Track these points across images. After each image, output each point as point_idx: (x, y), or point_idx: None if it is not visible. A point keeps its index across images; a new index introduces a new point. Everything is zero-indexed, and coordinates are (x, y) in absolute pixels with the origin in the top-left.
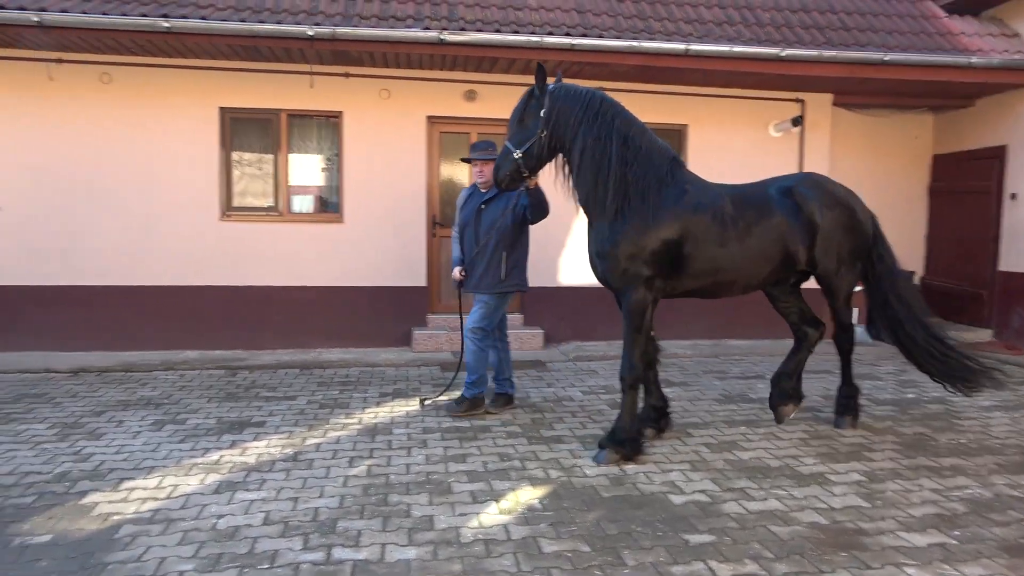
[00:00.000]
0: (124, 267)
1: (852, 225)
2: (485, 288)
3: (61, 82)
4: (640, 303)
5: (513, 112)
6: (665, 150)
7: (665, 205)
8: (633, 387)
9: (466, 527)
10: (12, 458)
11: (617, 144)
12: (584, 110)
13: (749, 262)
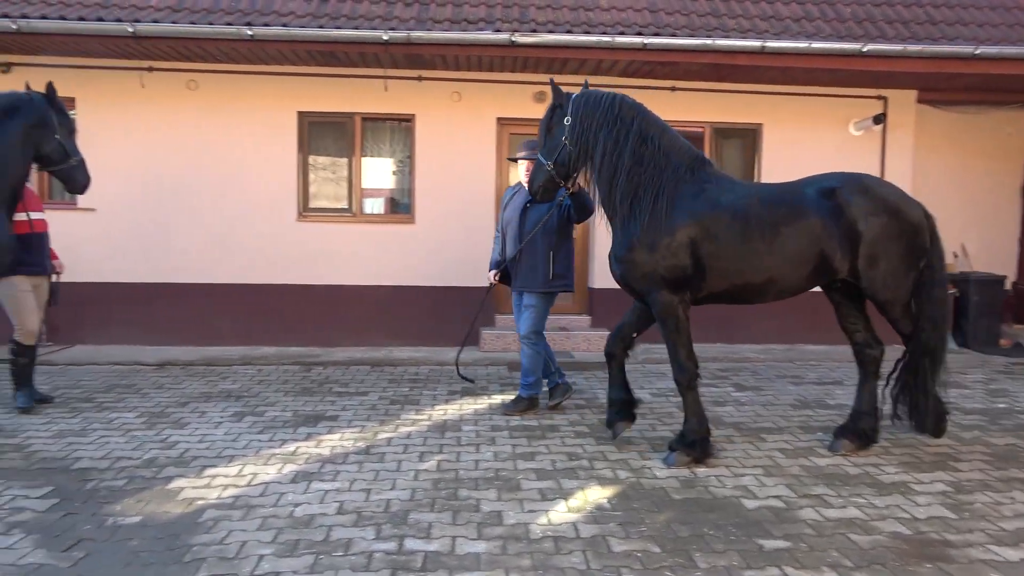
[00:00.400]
0: (206, 265)
1: (901, 233)
2: (533, 287)
3: (152, 89)
4: (667, 306)
5: (541, 123)
6: (686, 148)
7: (681, 204)
8: (690, 387)
9: (535, 524)
10: (105, 444)
11: (634, 143)
12: (604, 114)
13: (778, 264)
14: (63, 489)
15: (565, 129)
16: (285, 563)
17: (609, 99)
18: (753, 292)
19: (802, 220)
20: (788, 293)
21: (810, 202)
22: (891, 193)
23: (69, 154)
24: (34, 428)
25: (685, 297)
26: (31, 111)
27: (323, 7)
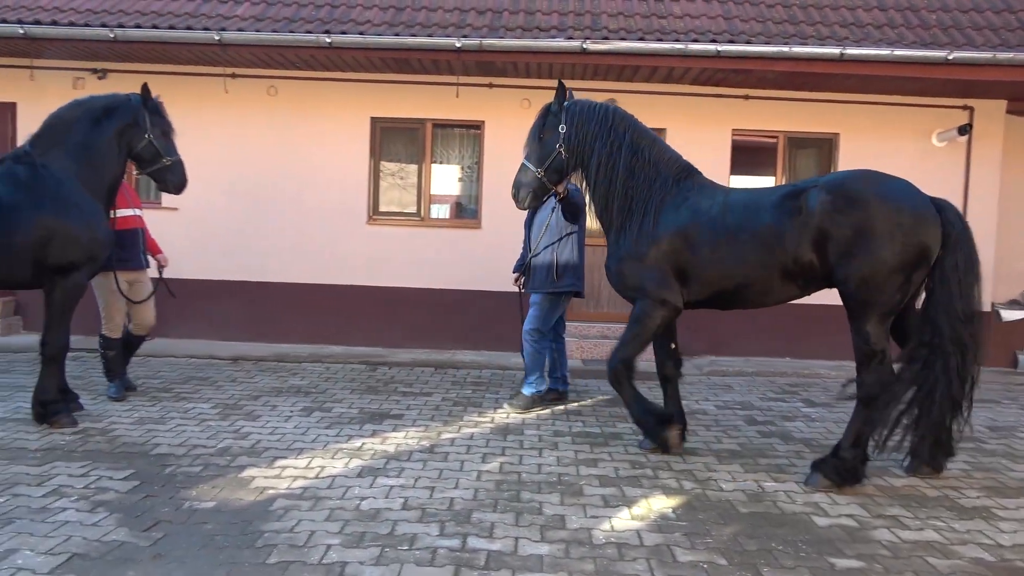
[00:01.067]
0: (280, 265)
1: (887, 229)
2: (539, 288)
3: (234, 94)
4: (646, 312)
5: (532, 129)
6: (674, 159)
7: (665, 215)
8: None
9: (598, 529)
10: (182, 432)
11: (626, 156)
12: (599, 125)
13: (747, 270)
14: (143, 472)
15: (559, 136)
16: (352, 554)
17: (603, 110)
18: (732, 298)
19: (761, 224)
20: (776, 298)
21: (773, 206)
22: (878, 188)
23: (161, 154)
24: (117, 414)
25: (669, 306)
26: (126, 112)
27: (399, 15)
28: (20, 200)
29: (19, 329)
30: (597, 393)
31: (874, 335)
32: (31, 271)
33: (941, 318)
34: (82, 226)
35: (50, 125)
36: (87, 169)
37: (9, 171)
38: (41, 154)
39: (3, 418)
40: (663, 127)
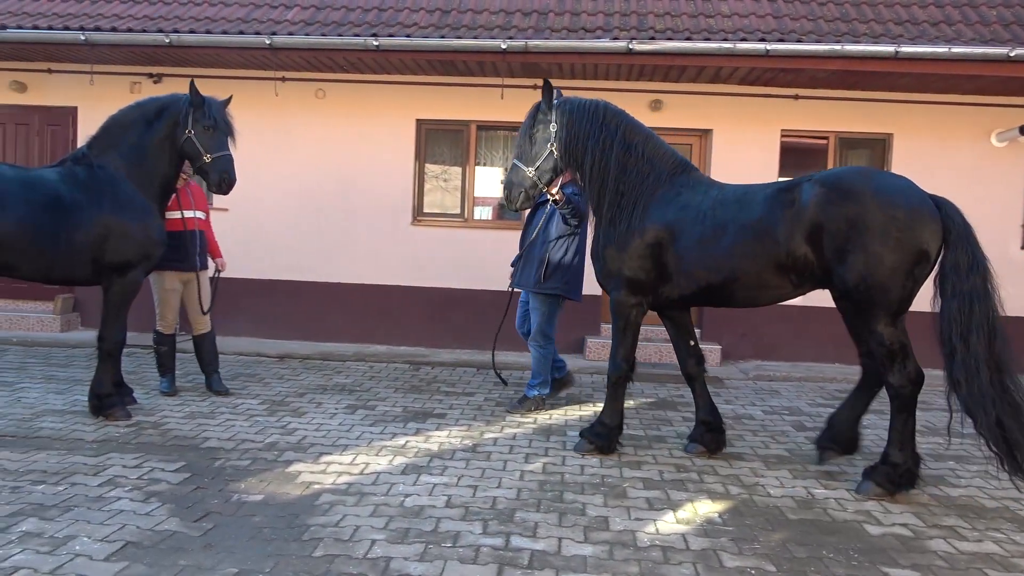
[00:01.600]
0: (326, 265)
1: (883, 224)
2: (525, 285)
3: (284, 97)
4: (620, 305)
5: (522, 129)
6: (669, 155)
7: (654, 209)
8: (617, 385)
9: (642, 532)
10: (231, 427)
11: (619, 151)
12: (591, 122)
13: (736, 264)
14: (194, 465)
15: (551, 135)
16: (396, 549)
17: (593, 106)
18: (721, 293)
19: (754, 217)
20: (768, 295)
21: (766, 199)
22: (873, 183)
23: (201, 151)
24: (169, 408)
25: (643, 301)
26: (174, 110)
27: (445, 18)
28: (80, 199)
29: (77, 325)
30: (640, 396)
31: (888, 335)
32: (90, 269)
33: (942, 319)
34: (137, 225)
35: (107, 127)
36: (139, 169)
37: (70, 172)
38: (98, 155)
39: (61, 410)
40: (709, 128)
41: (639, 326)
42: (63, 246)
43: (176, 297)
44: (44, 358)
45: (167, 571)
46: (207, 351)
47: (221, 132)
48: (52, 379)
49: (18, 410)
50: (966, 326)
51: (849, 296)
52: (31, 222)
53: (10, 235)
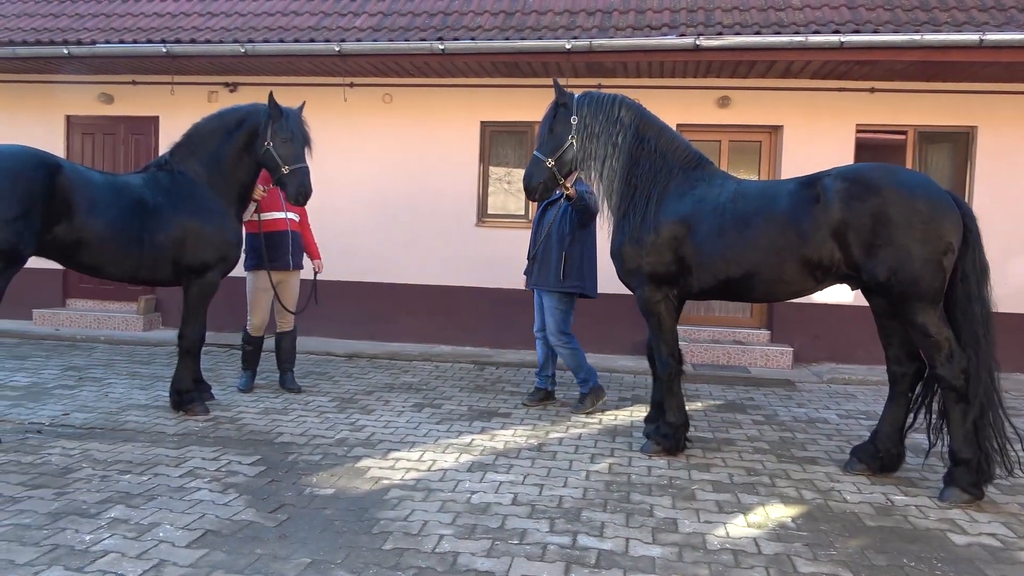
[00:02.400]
0: (393, 267)
1: (908, 218)
2: (544, 285)
3: (352, 103)
4: (648, 302)
5: (542, 122)
6: (683, 148)
7: (668, 203)
8: (670, 382)
9: (712, 535)
10: (303, 422)
11: (632, 145)
12: (607, 116)
13: (757, 258)
14: (268, 459)
15: (572, 128)
16: (464, 545)
17: (610, 100)
18: (740, 287)
19: (774, 211)
20: (789, 290)
21: (788, 193)
22: (893, 178)
23: (279, 163)
24: (245, 404)
25: (669, 294)
26: (253, 121)
27: (509, 20)
28: (162, 203)
29: (159, 325)
30: (708, 398)
31: (931, 324)
32: (171, 270)
33: (960, 318)
34: (213, 228)
35: (189, 136)
36: (218, 176)
37: (153, 177)
38: (179, 162)
39: (145, 405)
40: (780, 124)
41: (673, 319)
42: (147, 247)
43: (267, 298)
44: (128, 355)
45: (244, 559)
46: (286, 349)
47: (298, 144)
48: (136, 375)
49: (106, 404)
50: (985, 327)
51: (883, 291)
52: (119, 224)
53: (100, 237)
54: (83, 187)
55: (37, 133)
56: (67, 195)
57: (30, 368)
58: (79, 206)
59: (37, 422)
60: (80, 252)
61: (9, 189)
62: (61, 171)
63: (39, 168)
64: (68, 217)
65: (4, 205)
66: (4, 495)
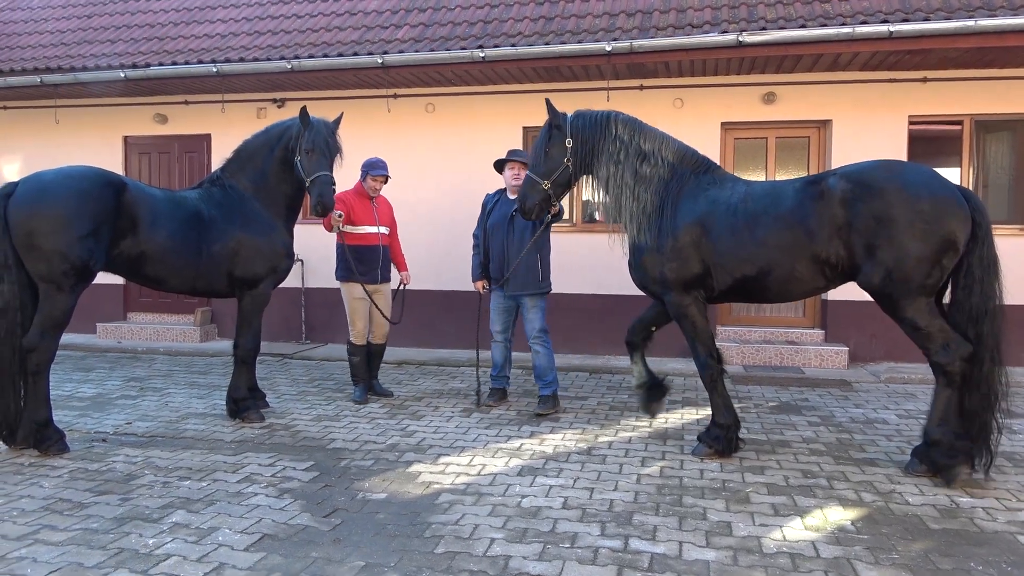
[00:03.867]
0: (437, 274)
1: (910, 218)
2: (531, 290)
3: (396, 113)
4: (679, 306)
5: (536, 144)
6: (690, 155)
7: (683, 208)
8: (713, 384)
9: (768, 538)
10: (355, 428)
11: (634, 162)
12: (603, 135)
13: (769, 257)
14: (322, 464)
15: (567, 151)
16: (515, 548)
17: (604, 118)
18: (756, 287)
19: (783, 210)
20: (802, 287)
21: (795, 192)
22: (896, 176)
23: (304, 175)
24: (298, 412)
25: (698, 296)
26: (288, 136)
27: (548, 25)
28: (216, 216)
29: (215, 336)
30: (761, 400)
31: (921, 317)
32: (226, 281)
33: (961, 314)
34: (264, 240)
35: (238, 152)
36: (264, 190)
37: (207, 192)
38: (229, 177)
39: (203, 413)
40: (828, 118)
41: (706, 320)
42: (204, 259)
43: (364, 307)
44: (186, 366)
45: (300, 562)
46: (376, 358)
47: (319, 154)
48: (194, 385)
49: (166, 413)
50: (990, 321)
51: (877, 290)
52: (178, 237)
53: (162, 249)
54: (145, 203)
55: (98, 153)
56: (132, 211)
57: (95, 379)
58: (143, 221)
59: (102, 431)
60: (144, 265)
61: (80, 208)
62: (126, 189)
63: (107, 187)
64: (133, 232)
65: (77, 224)
66: (73, 501)
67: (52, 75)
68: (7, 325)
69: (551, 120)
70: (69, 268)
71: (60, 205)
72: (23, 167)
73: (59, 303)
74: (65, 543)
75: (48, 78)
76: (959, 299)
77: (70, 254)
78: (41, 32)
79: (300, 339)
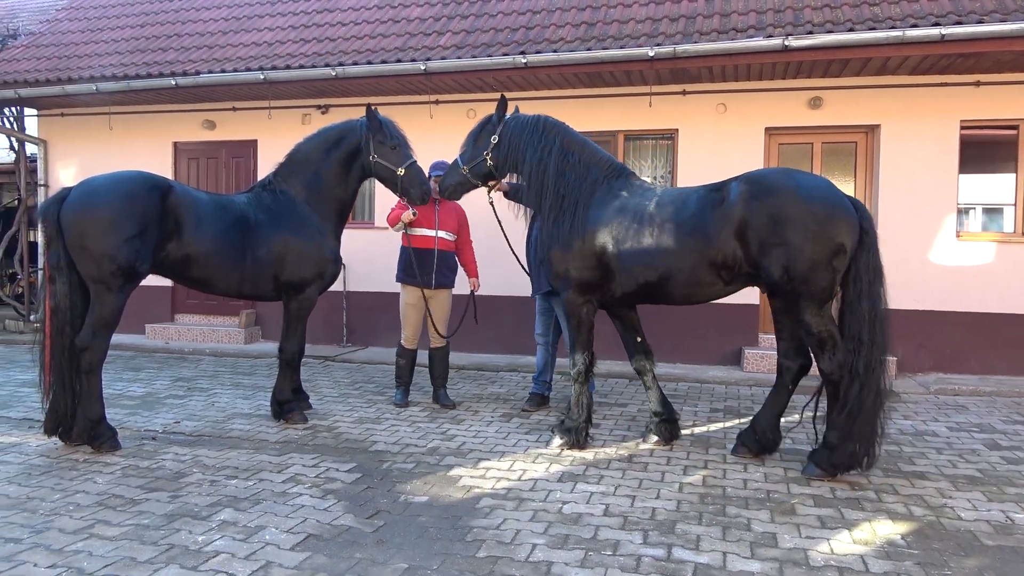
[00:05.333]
0: (481, 279)
1: (803, 220)
2: (543, 289)
3: (438, 119)
4: (570, 304)
5: (470, 132)
6: (606, 161)
7: (592, 211)
8: (578, 380)
9: (815, 550)
10: (396, 431)
11: (556, 159)
12: (531, 134)
13: (670, 261)
14: (364, 466)
15: (489, 145)
16: (557, 554)
17: (534, 121)
18: (659, 292)
19: (684, 217)
20: (703, 293)
21: (698, 199)
22: (792, 181)
23: (393, 169)
24: (340, 414)
25: (591, 299)
26: (352, 137)
27: (590, 30)
28: (263, 220)
29: (259, 338)
30: (807, 410)
31: (815, 323)
32: (272, 285)
33: (853, 318)
34: (311, 244)
35: (291, 156)
36: (317, 194)
37: (257, 196)
38: (281, 181)
39: (248, 413)
40: (876, 123)
41: (592, 323)
42: (249, 263)
43: (415, 312)
44: (232, 367)
45: (344, 563)
46: (436, 364)
47: (403, 145)
48: (239, 386)
49: (212, 413)
50: (879, 324)
51: (776, 288)
52: (222, 240)
53: (206, 252)
54: (190, 206)
55: (149, 159)
56: (177, 214)
57: (144, 379)
58: (187, 224)
59: (152, 429)
60: (190, 267)
61: (127, 210)
62: (172, 192)
63: (152, 190)
64: (178, 234)
65: (123, 226)
66: (126, 497)
67: (107, 83)
68: (58, 324)
69: (490, 116)
70: (116, 269)
71: (107, 208)
72: (78, 172)
73: (109, 303)
74: (118, 538)
75: (103, 86)
76: (851, 304)
77: (117, 255)
78: (97, 42)
79: (341, 342)
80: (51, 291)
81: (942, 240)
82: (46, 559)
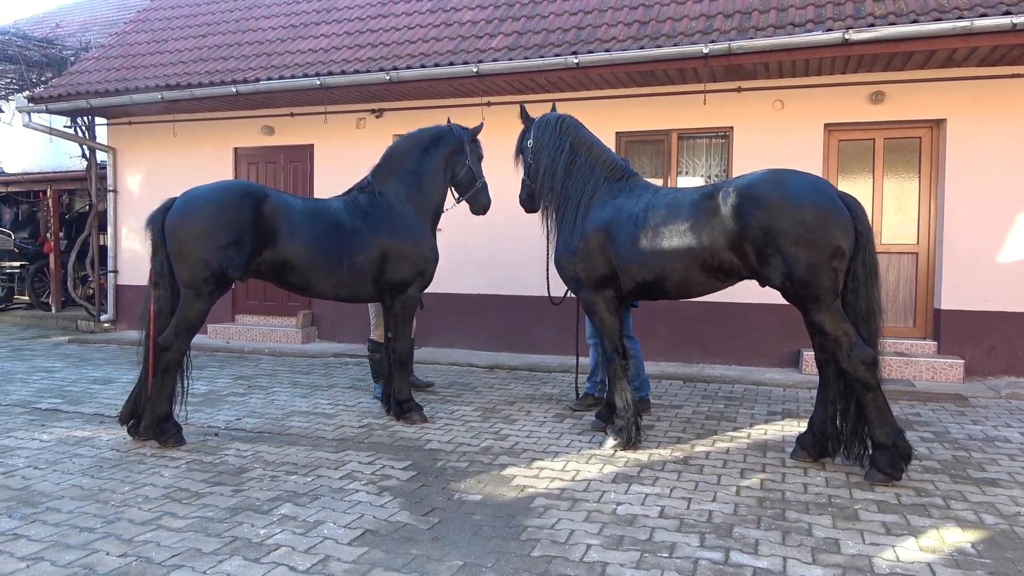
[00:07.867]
0: (529, 279)
1: (797, 225)
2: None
3: (490, 121)
4: (588, 303)
5: (515, 151)
6: (610, 162)
7: (592, 211)
8: (616, 376)
9: (879, 557)
10: (450, 430)
11: (566, 159)
12: (549, 135)
13: (665, 262)
14: (419, 465)
15: (529, 150)
16: (612, 555)
17: (553, 120)
18: (656, 290)
19: (679, 221)
20: (697, 291)
21: (690, 205)
22: (780, 189)
23: (476, 178)
24: None
25: (606, 295)
26: (452, 140)
27: (643, 29)
28: (359, 226)
29: (315, 338)
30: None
31: (828, 323)
32: (372, 288)
33: (852, 315)
34: (411, 244)
35: (388, 156)
36: (417, 193)
37: (353, 200)
38: (380, 183)
39: (306, 411)
40: (942, 117)
41: (614, 317)
42: (346, 268)
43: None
44: (290, 366)
45: (401, 559)
46: None
47: (480, 160)
48: (297, 384)
49: (272, 410)
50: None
51: (781, 292)
52: (316, 247)
53: (301, 258)
54: (285, 213)
55: (210, 164)
56: (272, 222)
57: (206, 377)
58: (282, 231)
59: (214, 426)
60: (288, 273)
61: (220, 219)
62: (267, 200)
63: (246, 198)
64: (273, 242)
65: (217, 234)
66: (191, 490)
67: (171, 91)
68: (160, 327)
69: (524, 124)
70: (210, 275)
71: (203, 216)
72: (145, 178)
73: (195, 307)
74: (184, 529)
75: (168, 94)
76: (848, 302)
77: (211, 262)
78: (162, 52)
79: None
80: (155, 296)
81: (1014, 238)
82: (117, 548)
